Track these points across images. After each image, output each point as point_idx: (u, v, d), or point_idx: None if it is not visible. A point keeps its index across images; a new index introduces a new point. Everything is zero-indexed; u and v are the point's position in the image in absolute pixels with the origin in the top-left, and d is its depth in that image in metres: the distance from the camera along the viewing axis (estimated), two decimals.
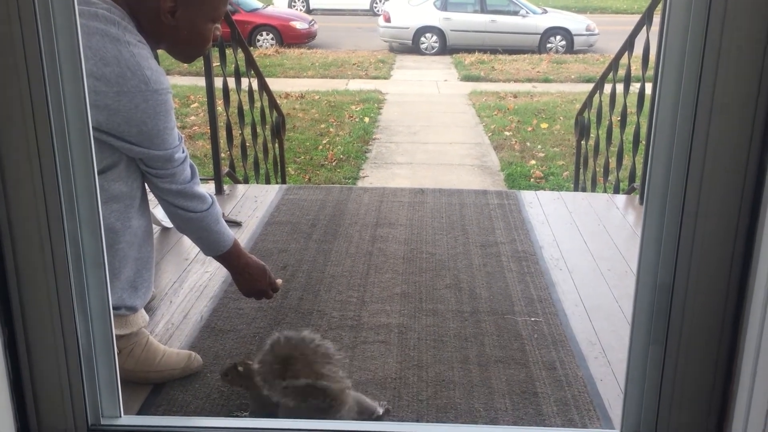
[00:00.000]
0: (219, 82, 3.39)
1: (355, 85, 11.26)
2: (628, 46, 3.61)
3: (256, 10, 15.40)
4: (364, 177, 6.65)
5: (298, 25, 15.24)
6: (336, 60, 13.50)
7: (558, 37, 14.60)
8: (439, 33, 14.66)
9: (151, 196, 1.77)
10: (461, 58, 13.80)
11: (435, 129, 8.38)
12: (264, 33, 14.94)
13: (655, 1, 3.21)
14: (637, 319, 1.38)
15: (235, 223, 2.92)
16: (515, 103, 9.83)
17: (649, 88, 3.13)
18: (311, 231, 2.86)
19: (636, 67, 3.57)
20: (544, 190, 4.70)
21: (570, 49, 14.54)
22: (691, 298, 1.33)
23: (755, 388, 1.25)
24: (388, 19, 14.99)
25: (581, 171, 4.90)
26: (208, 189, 1.97)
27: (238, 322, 2.12)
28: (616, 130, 3.82)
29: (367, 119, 8.80)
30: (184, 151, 1.70)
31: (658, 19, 3.21)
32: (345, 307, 2.23)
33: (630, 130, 3.76)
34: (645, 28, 3.34)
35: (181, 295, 2.31)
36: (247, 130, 3.91)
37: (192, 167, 1.74)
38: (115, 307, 1.61)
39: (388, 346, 2.01)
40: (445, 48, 14.64)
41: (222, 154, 3.44)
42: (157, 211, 2.54)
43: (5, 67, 1.24)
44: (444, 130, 8.36)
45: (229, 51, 3.52)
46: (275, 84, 9.11)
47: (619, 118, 3.80)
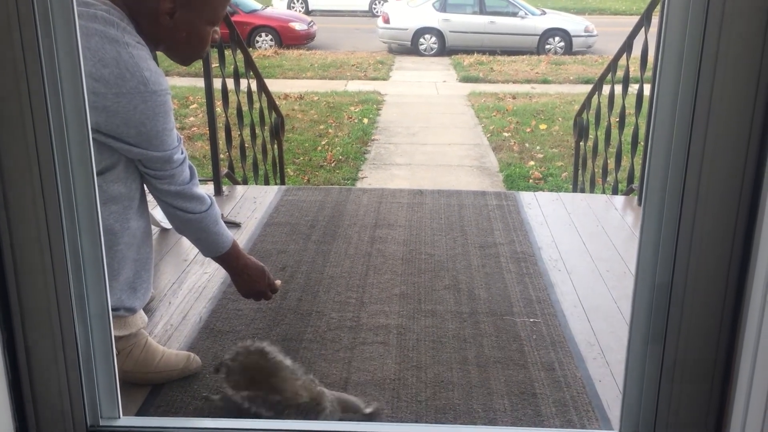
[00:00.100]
0: (218, 83, 3.40)
1: (354, 86, 11.26)
2: (627, 47, 3.62)
3: (255, 11, 15.40)
4: (363, 178, 6.65)
5: (297, 26, 15.25)
6: (335, 61, 13.50)
7: (557, 39, 14.61)
8: (438, 34, 14.67)
9: (150, 197, 1.77)
10: (460, 59, 13.80)
11: (434, 130, 8.39)
12: (263, 34, 14.94)
13: (654, 3, 3.21)
14: (635, 319, 1.39)
15: (234, 224, 2.92)
16: (514, 104, 9.83)
17: (647, 89, 3.14)
18: (310, 232, 2.86)
19: (634, 68, 3.58)
20: (543, 191, 4.70)
21: (569, 50, 14.55)
22: (689, 297, 1.33)
23: (753, 388, 1.25)
24: (387, 21, 14.99)
25: (580, 172, 4.90)
26: (207, 190, 1.97)
27: (237, 323, 2.12)
28: (615, 131, 3.83)
29: (366, 120, 8.80)
30: (183, 152, 1.71)
31: (656, 20, 3.22)
32: (344, 308, 2.23)
33: (628, 131, 3.76)
34: (643, 30, 3.35)
35: (180, 296, 2.31)
36: (246, 131, 3.91)
37: (191, 168, 1.74)
38: (113, 308, 1.61)
39: (387, 347, 2.01)
40: (444, 49, 14.65)
41: (221, 155, 3.44)
42: (156, 213, 2.54)
43: (4, 69, 1.24)
44: (443, 131, 8.36)
45: (228, 52, 3.52)
46: (274, 85, 9.10)
47: (617, 119, 3.80)
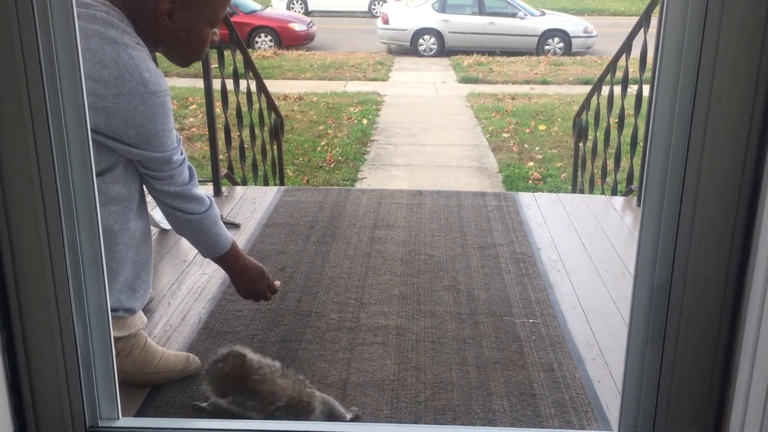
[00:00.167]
0: (217, 83, 3.40)
1: (354, 86, 11.26)
2: (626, 48, 3.62)
3: (255, 11, 15.40)
4: (362, 179, 6.65)
5: (297, 26, 15.25)
6: (334, 62, 13.50)
7: (556, 39, 14.62)
8: (438, 35, 14.67)
9: (149, 198, 1.77)
10: (459, 59, 13.80)
11: (433, 131, 8.39)
12: (262, 35, 14.94)
13: (653, 3, 3.22)
14: (634, 319, 1.39)
15: (233, 225, 2.92)
16: (513, 105, 9.84)
17: (646, 90, 3.14)
18: (309, 233, 2.86)
19: (633, 69, 3.58)
20: (542, 192, 4.70)
21: (568, 51, 14.55)
22: (688, 298, 1.33)
23: (752, 388, 1.25)
24: (386, 21, 15.00)
25: (579, 173, 4.90)
26: (206, 191, 1.97)
27: (237, 324, 2.12)
28: (614, 132, 3.83)
29: (365, 121, 8.80)
30: (182, 153, 1.71)
31: (655, 21, 3.22)
32: (343, 309, 2.23)
33: (628, 131, 3.76)
34: (642, 30, 3.35)
35: (179, 296, 2.31)
36: (246, 131, 3.91)
37: (190, 169, 1.74)
38: (113, 309, 1.61)
39: (386, 348, 2.01)
40: (444, 50, 14.65)
41: (220, 156, 3.44)
42: (156, 213, 2.54)
43: (4, 70, 1.24)
44: (442, 131, 8.36)
45: (227, 53, 3.52)
46: (273, 86, 9.09)
47: (616, 120, 3.80)
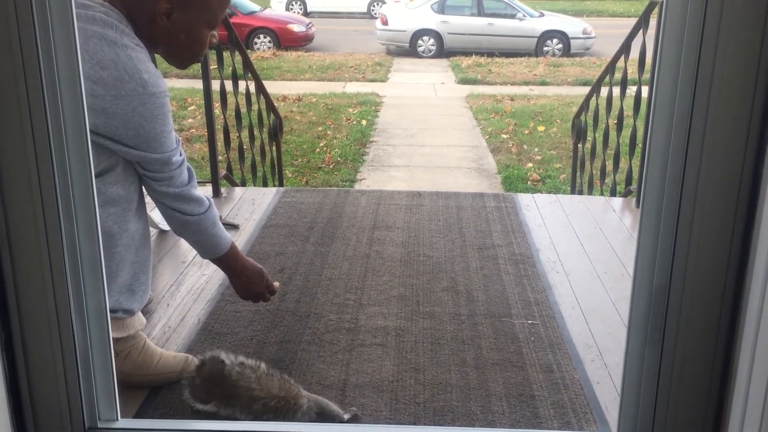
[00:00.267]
0: (216, 84, 3.40)
1: (353, 87, 11.26)
2: (625, 49, 3.62)
3: (254, 12, 15.40)
4: (361, 180, 6.65)
5: (296, 28, 15.25)
6: (333, 63, 13.50)
7: (555, 41, 14.63)
8: (437, 36, 14.68)
9: (148, 199, 1.77)
10: (458, 61, 13.81)
11: (432, 132, 8.39)
12: (261, 36, 14.94)
13: (652, 5, 3.22)
14: (633, 320, 1.39)
15: (232, 226, 2.92)
16: (512, 106, 9.84)
17: (645, 91, 3.14)
18: (308, 234, 2.86)
19: (632, 71, 3.58)
20: (541, 193, 4.70)
21: (567, 52, 14.56)
22: (687, 299, 1.33)
23: (751, 389, 1.25)
24: (385, 22, 15.00)
25: (578, 174, 4.90)
26: (205, 192, 1.96)
27: (236, 325, 2.12)
28: (613, 133, 3.83)
29: (364, 122, 8.80)
30: (181, 154, 1.71)
31: (654, 22, 3.22)
32: (342, 310, 2.23)
33: (626, 133, 3.76)
34: (641, 32, 3.35)
35: (178, 298, 2.31)
36: (245, 132, 3.91)
37: (189, 170, 1.74)
38: (112, 310, 1.61)
39: (385, 349, 2.01)
40: (442, 51, 14.66)
41: (219, 157, 3.44)
42: (155, 214, 2.54)
43: (3, 71, 1.24)
44: (441, 133, 8.37)
45: (226, 54, 3.52)
46: (272, 87, 9.11)
47: (615, 121, 3.81)
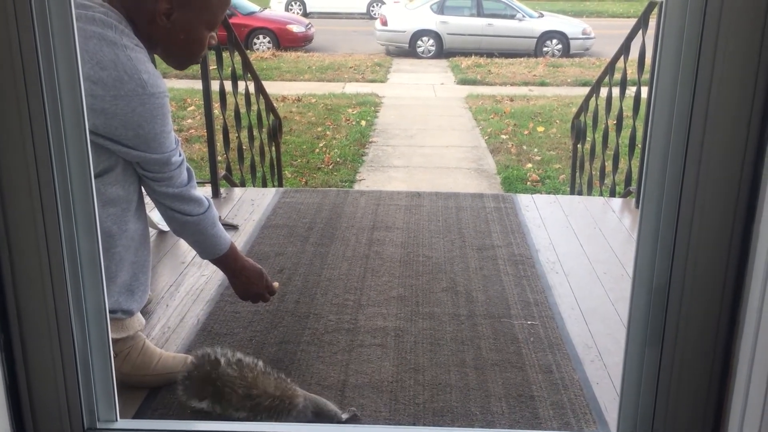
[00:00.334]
0: (216, 85, 3.40)
1: (352, 88, 11.26)
2: (624, 49, 3.62)
3: (253, 13, 15.40)
4: (360, 180, 6.65)
5: (295, 28, 15.25)
6: (333, 63, 13.50)
7: (554, 41, 14.63)
8: (436, 36, 14.68)
9: (147, 200, 1.77)
10: (458, 61, 13.81)
11: (431, 132, 8.39)
12: (261, 36, 14.94)
13: (651, 6, 3.22)
14: (633, 321, 1.39)
15: (231, 227, 2.92)
16: (512, 107, 9.84)
17: (645, 91, 3.14)
18: (308, 234, 2.86)
19: (632, 71, 3.58)
20: (541, 194, 4.70)
21: (566, 52, 14.56)
22: (687, 300, 1.33)
23: (751, 390, 1.25)
24: (384, 23, 15.01)
25: (577, 174, 4.90)
26: (204, 192, 1.97)
27: (235, 326, 2.12)
28: (612, 134, 3.83)
29: (363, 122, 8.80)
30: (180, 155, 1.70)
31: (653, 23, 3.22)
32: (341, 311, 2.23)
33: (626, 133, 3.77)
34: (641, 32, 3.36)
35: (177, 298, 2.31)
36: (244, 133, 3.91)
37: (189, 170, 1.74)
38: (111, 311, 1.61)
39: (385, 350, 2.01)
40: (442, 51, 14.66)
41: (219, 158, 3.44)
42: (154, 215, 2.54)
43: (2, 71, 1.24)
44: (440, 133, 8.37)
45: (225, 54, 3.52)
46: (272, 87, 9.12)
47: (615, 122, 3.81)
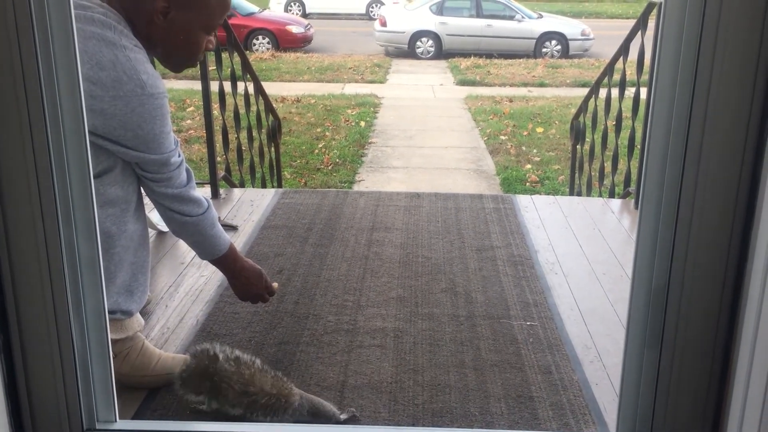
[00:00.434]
0: (215, 86, 3.40)
1: (351, 89, 11.26)
2: (623, 50, 3.63)
3: (252, 14, 15.40)
4: (360, 181, 6.65)
5: (294, 29, 15.25)
6: (332, 64, 13.50)
7: (553, 42, 14.64)
8: (435, 37, 14.69)
9: (147, 200, 1.77)
10: (457, 62, 13.81)
11: (431, 133, 8.39)
12: (260, 37, 14.94)
13: (650, 7, 3.22)
14: (632, 321, 1.39)
15: (231, 227, 2.91)
16: (511, 108, 9.85)
17: (644, 92, 3.14)
18: (307, 235, 2.86)
19: (631, 72, 3.58)
20: (540, 195, 4.70)
21: (565, 53, 14.57)
22: (686, 300, 1.34)
23: (750, 392, 1.25)
24: (384, 24, 15.01)
25: (577, 175, 4.91)
26: (204, 193, 1.97)
27: (234, 326, 2.12)
28: (612, 135, 3.83)
29: (363, 123, 8.80)
30: (179, 155, 1.70)
31: (652, 24, 3.22)
32: (341, 311, 2.23)
33: (625, 134, 3.76)
34: (640, 33, 3.36)
35: (176, 299, 2.30)
36: (243, 134, 3.91)
37: (188, 171, 1.74)
38: (110, 311, 1.60)
39: (384, 350, 2.01)
40: (441, 52, 14.67)
41: (218, 158, 3.44)
42: (153, 215, 2.54)
43: (1, 72, 1.24)
44: (440, 134, 8.37)
45: (225, 55, 3.52)
46: (271, 88, 9.12)
47: (614, 123, 3.81)
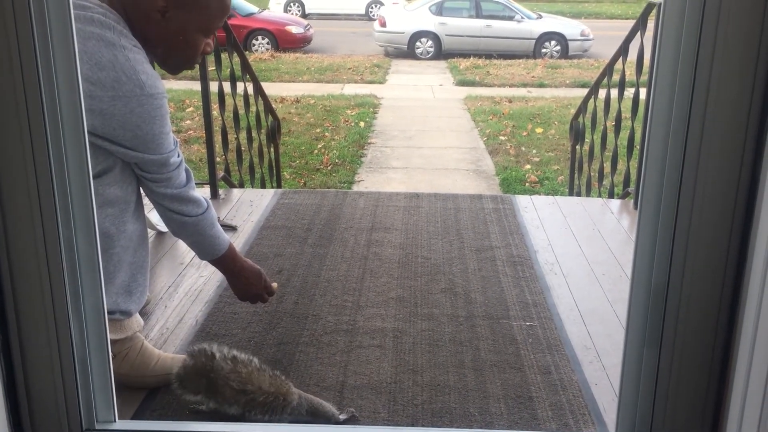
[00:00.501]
0: (214, 86, 3.39)
1: (351, 89, 11.26)
2: (623, 51, 3.63)
3: (252, 14, 15.40)
4: (359, 181, 6.65)
5: (294, 29, 15.25)
6: (331, 64, 13.50)
7: (553, 42, 14.64)
8: (435, 38, 14.69)
9: (146, 201, 1.77)
10: (456, 62, 13.82)
11: (430, 133, 8.40)
12: (259, 37, 14.94)
13: (649, 7, 3.22)
14: (631, 322, 1.39)
15: (230, 228, 2.91)
16: (510, 108, 9.85)
17: (643, 93, 3.14)
18: (306, 235, 2.86)
19: (630, 73, 3.58)
20: (539, 195, 4.71)
21: (565, 54, 14.57)
22: (685, 301, 1.34)
23: (749, 391, 1.25)
24: (383, 24, 15.02)
25: (576, 176, 4.91)
26: (203, 193, 1.97)
27: (233, 327, 2.12)
28: (611, 135, 3.83)
29: (362, 124, 8.80)
30: (179, 156, 1.70)
31: (652, 24, 3.23)
32: (340, 312, 2.23)
33: (624, 134, 3.77)
34: (639, 34, 3.36)
35: (176, 299, 2.30)
36: (243, 134, 3.91)
37: (187, 171, 1.74)
38: (109, 312, 1.60)
39: (384, 351, 2.01)
40: (441, 53, 14.67)
41: (217, 159, 3.43)
42: (152, 216, 2.54)
43: (1, 71, 1.24)
44: (439, 134, 8.37)
45: (224, 55, 3.52)
46: (271, 88, 9.11)
47: (613, 123, 3.81)
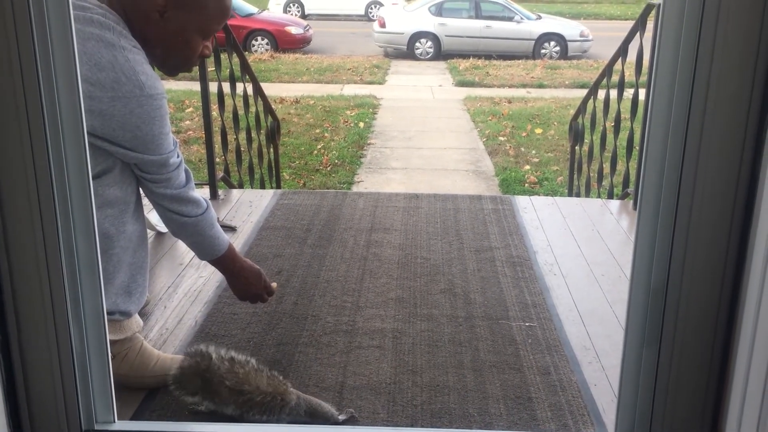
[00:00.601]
0: (214, 87, 3.40)
1: (350, 90, 11.26)
2: (622, 52, 3.63)
3: (251, 15, 15.40)
4: (358, 182, 6.65)
5: (293, 30, 15.25)
6: (331, 65, 13.50)
7: (552, 43, 14.65)
8: (434, 38, 14.70)
9: (145, 201, 1.77)
10: (456, 63, 13.82)
11: (430, 134, 8.40)
12: (259, 38, 14.94)
13: (649, 8, 3.23)
14: (631, 322, 1.39)
15: (229, 228, 2.91)
16: (510, 109, 9.85)
17: (642, 93, 3.14)
18: (306, 236, 2.86)
19: (629, 73, 3.59)
20: (539, 195, 4.71)
21: (564, 54, 14.58)
22: (684, 301, 1.34)
23: (749, 391, 1.25)
24: (383, 25, 15.02)
25: (575, 176, 4.91)
26: (202, 194, 1.97)
27: (233, 327, 2.12)
28: (610, 136, 3.83)
29: (361, 124, 8.80)
30: (178, 156, 1.71)
31: (651, 25, 3.23)
32: (340, 312, 2.23)
33: (624, 135, 3.77)
34: (638, 35, 3.36)
35: (175, 299, 2.30)
36: (242, 134, 3.91)
37: (187, 172, 1.74)
38: (109, 312, 1.60)
39: (383, 351, 2.01)
40: (440, 53, 14.68)
41: (217, 159, 3.44)
42: (152, 216, 2.54)
43: (0, 72, 1.24)
44: (439, 135, 8.37)
45: (224, 56, 3.52)
46: (270, 89, 9.11)
47: (612, 124, 3.81)
